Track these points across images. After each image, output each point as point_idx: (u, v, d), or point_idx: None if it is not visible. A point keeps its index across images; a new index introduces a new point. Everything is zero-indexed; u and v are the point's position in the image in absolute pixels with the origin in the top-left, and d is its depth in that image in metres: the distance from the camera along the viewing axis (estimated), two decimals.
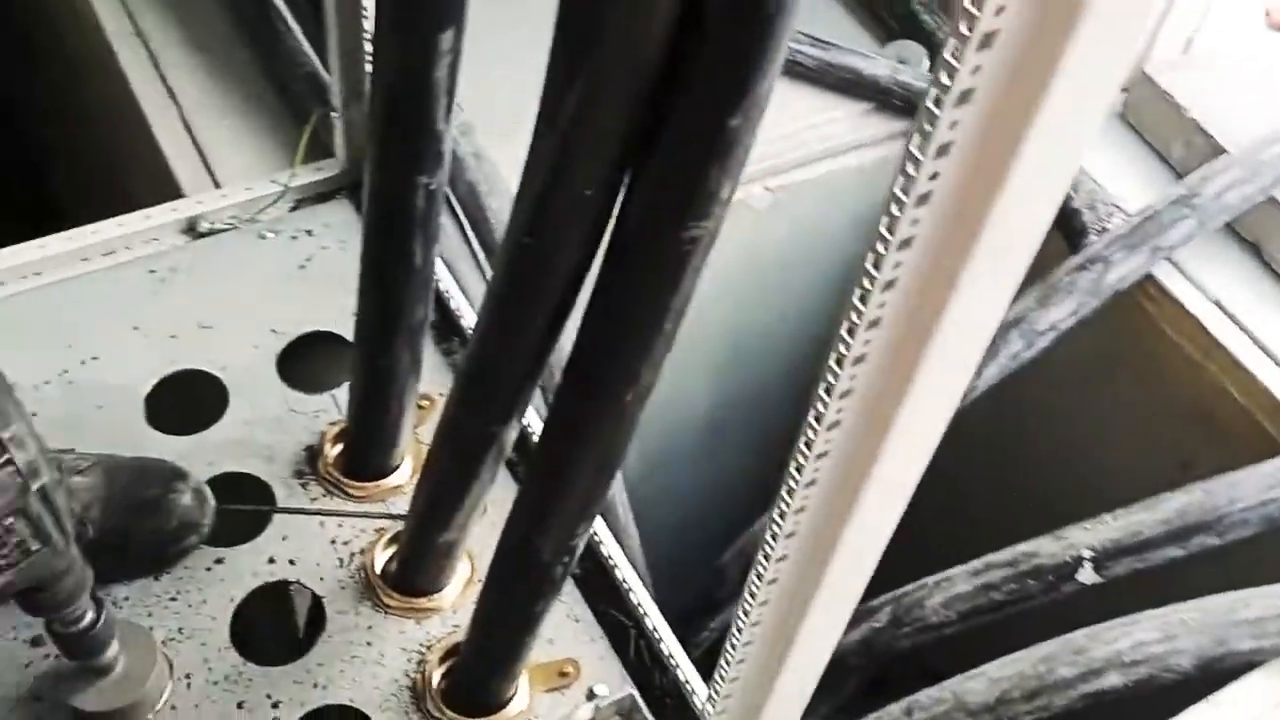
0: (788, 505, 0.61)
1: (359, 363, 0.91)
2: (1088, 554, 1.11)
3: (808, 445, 0.57)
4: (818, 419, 0.56)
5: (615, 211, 0.59)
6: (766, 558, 0.64)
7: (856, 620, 1.28)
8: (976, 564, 1.15)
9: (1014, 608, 1.13)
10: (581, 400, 0.65)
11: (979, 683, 1.01)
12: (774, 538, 0.63)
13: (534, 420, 1.01)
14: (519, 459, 1.02)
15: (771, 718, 0.77)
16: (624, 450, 0.68)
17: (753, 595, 0.67)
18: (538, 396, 1.03)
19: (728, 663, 0.75)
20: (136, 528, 0.88)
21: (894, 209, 0.45)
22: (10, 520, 0.61)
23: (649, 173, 0.55)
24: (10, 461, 0.58)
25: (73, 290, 1.08)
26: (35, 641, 0.87)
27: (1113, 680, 1.00)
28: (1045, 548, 1.13)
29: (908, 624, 1.23)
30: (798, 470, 0.59)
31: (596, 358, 0.63)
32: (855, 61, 1.46)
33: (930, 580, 1.19)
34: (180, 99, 1.32)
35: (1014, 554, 1.14)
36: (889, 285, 0.47)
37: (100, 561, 0.74)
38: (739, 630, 0.71)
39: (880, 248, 0.46)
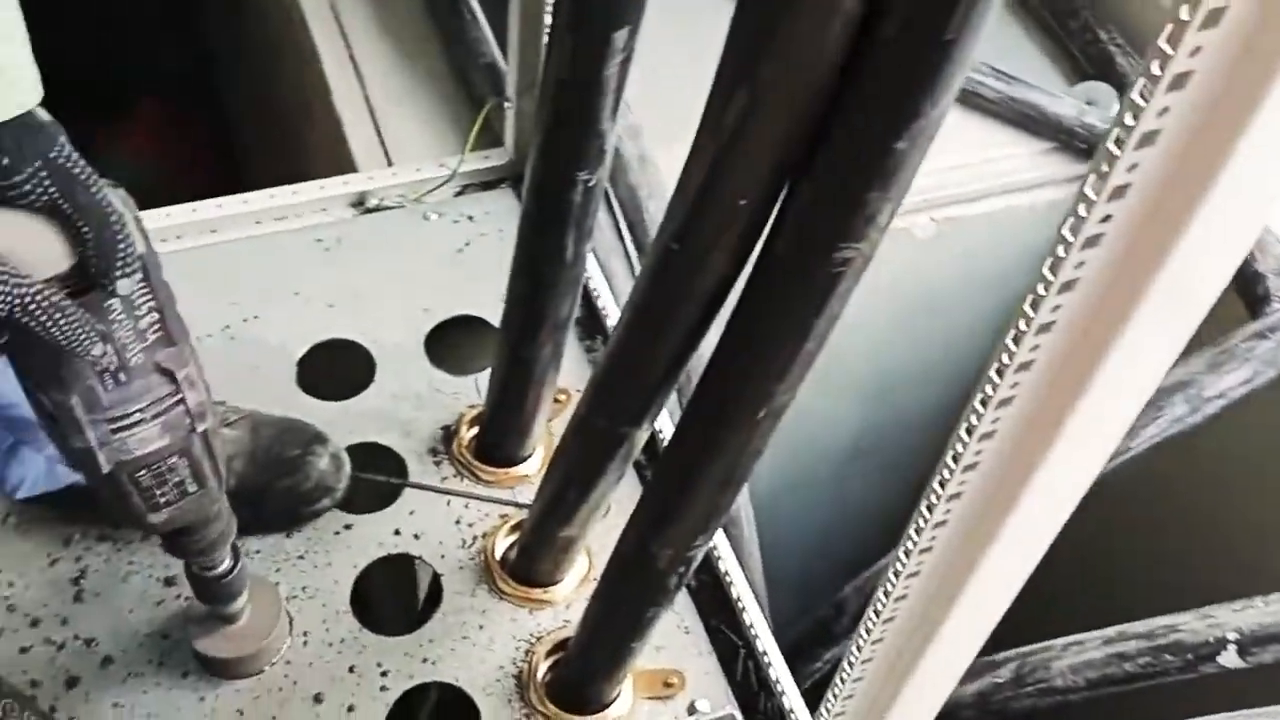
0: (914, 544, 0.59)
1: (502, 351, 0.92)
2: (1233, 636, 1.05)
3: (941, 484, 0.55)
4: (955, 459, 0.54)
5: (768, 226, 0.58)
6: (886, 595, 0.62)
7: (976, 673, 1.24)
8: (1111, 631, 1.10)
9: (1146, 682, 1.07)
10: (713, 413, 0.64)
11: None
12: (896, 575, 0.61)
13: (666, 425, 1.00)
14: (647, 462, 1.02)
15: None
16: (751, 467, 0.67)
17: (868, 631, 0.65)
18: (672, 400, 1.03)
19: (835, 697, 0.73)
20: (274, 484, 0.92)
21: (1059, 250, 0.42)
22: (174, 459, 0.63)
23: (806, 189, 0.54)
24: (182, 400, 0.60)
25: (243, 250, 1.13)
26: (169, 581, 0.91)
27: None
28: (1188, 624, 1.07)
29: (1030, 684, 1.18)
30: (928, 509, 0.57)
31: (732, 372, 0.62)
32: (1039, 98, 1.41)
33: (1060, 642, 1.14)
34: (365, 77, 1.36)
35: (1153, 626, 1.08)
36: (1045, 328, 0.45)
37: (237, 513, 0.77)
38: (850, 665, 0.69)
39: (1040, 289, 0.44)
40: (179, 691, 0.85)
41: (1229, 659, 1.03)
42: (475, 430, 1.02)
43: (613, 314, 1.11)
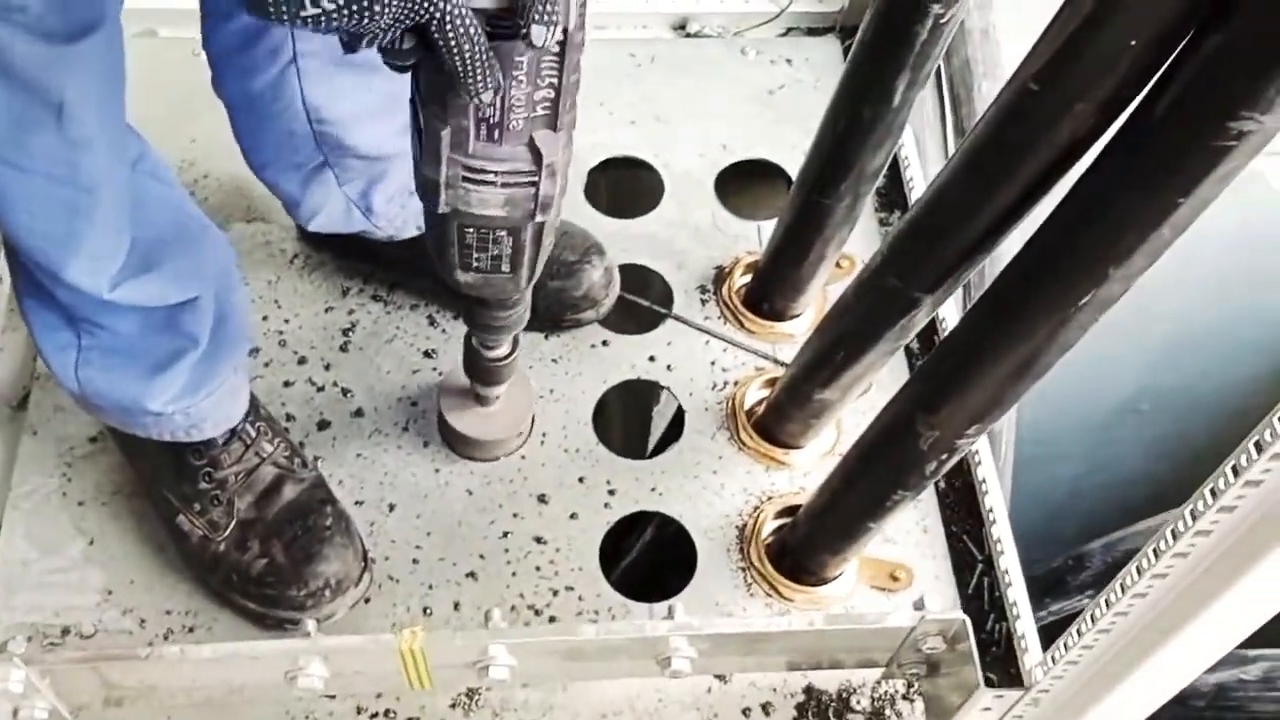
0: (1186, 525, 0.54)
1: (796, 196, 0.87)
2: None
3: (1235, 470, 0.51)
4: (1259, 446, 0.49)
5: (1150, 81, 0.50)
6: (1141, 570, 0.58)
7: (1221, 663, 1.14)
8: None
9: None
10: (1028, 288, 0.58)
11: None
12: (1155, 554, 0.57)
13: (949, 314, 0.93)
14: (919, 351, 0.96)
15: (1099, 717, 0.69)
16: (1052, 362, 0.60)
17: (1123, 590, 0.60)
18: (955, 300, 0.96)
19: (1067, 646, 0.67)
20: (546, 284, 0.91)
21: None
22: (502, 233, 0.62)
23: (1216, 38, 0.46)
24: (535, 185, 0.59)
25: None
26: (429, 354, 0.92)
27: None
28: None
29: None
30: (1213, 493, 0.52)
31: (1064, 244, 0.55)
32: None
33: None
34: None
35: None
36: None
37: None
38: (1092, 620, 0.63)
39: None
40: (418, 458, 0.87)
41: None
42: (748, 278, 0.98)
43: (919, 190, 1.04)
